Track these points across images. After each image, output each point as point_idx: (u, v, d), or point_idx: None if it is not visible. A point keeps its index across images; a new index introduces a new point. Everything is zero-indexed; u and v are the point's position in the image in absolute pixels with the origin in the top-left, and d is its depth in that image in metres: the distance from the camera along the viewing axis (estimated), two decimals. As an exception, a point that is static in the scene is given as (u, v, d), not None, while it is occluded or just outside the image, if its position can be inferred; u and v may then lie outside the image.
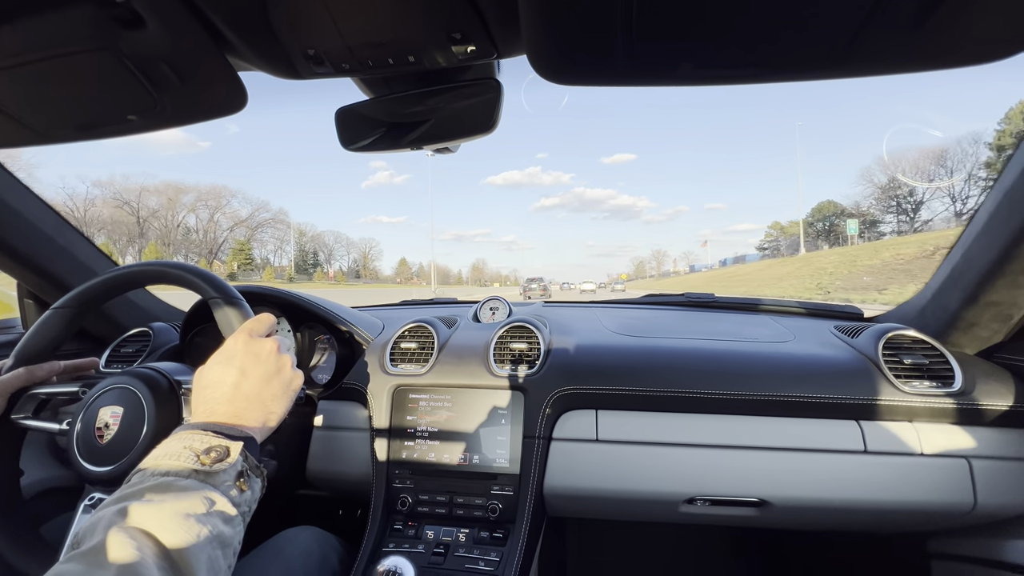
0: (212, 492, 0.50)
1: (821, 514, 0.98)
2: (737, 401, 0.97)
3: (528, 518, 0.97)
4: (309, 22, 0.65)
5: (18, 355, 0.79)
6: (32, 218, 1.08)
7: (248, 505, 0.55)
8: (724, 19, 0.50)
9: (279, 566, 0.80)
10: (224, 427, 0.57)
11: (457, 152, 0.98)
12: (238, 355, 0.63)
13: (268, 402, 0.62)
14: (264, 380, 0.63)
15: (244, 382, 0.61)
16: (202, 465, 0.51)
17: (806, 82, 0.57)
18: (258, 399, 0.61)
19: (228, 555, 0.50)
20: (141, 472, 0.51)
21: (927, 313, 1.05)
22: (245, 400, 0.61)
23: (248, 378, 0.62)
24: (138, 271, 0.81)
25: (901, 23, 0.49)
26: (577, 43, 0.56)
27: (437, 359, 1.10)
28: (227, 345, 0.65)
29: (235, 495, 0.53)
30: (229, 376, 0.61)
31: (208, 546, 0.47)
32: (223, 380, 0.61)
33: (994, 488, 0.90)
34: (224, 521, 0.50)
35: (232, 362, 0.62)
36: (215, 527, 0.48)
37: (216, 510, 0.50)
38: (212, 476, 0.52)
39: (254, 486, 0.56)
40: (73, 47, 0.64)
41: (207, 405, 0.60)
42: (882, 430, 0.94)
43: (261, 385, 0.62)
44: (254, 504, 0.56)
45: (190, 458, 0.52)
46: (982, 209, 0.90)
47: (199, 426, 0.56)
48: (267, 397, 0.62)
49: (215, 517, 0.49)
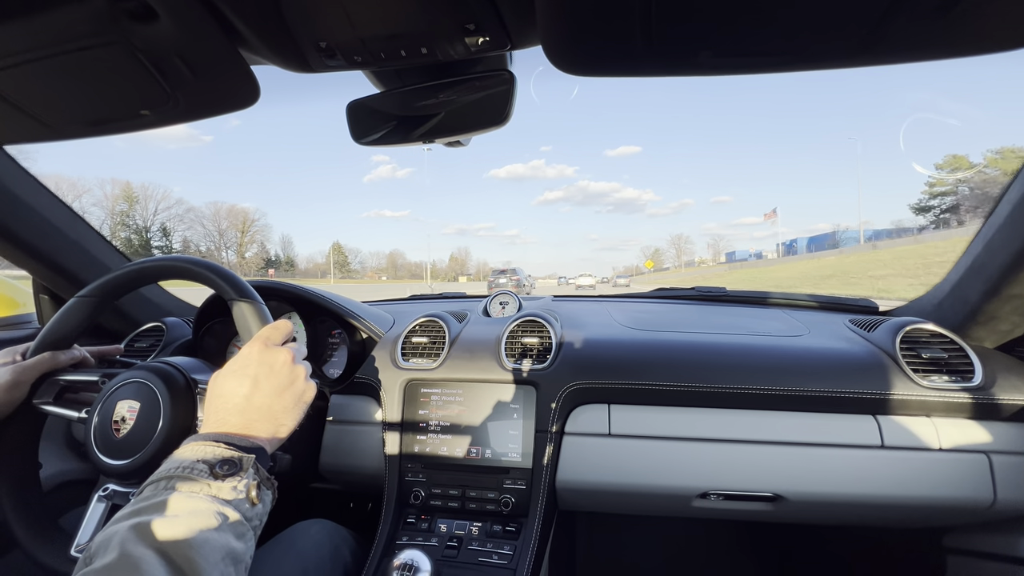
0: (224, 507, 0.50)
1: (836, 509, 0.97)
2: (751, 395, 0.96)
3: (541, 512, 0.97)
4: (322, 14, 0.64)
5: (42, 341, 0.79)
6: (44, 212, 1.08)
7: (259, 519, 0.55)
8: (746, 5, 0.49)
9: (292, 559, 0.80)
10: (235, 438, 0.57)
11: (460, 145, 0.97)
12: (252, 365, 0.63)
13: (279, 414, 0.62)
14: (276, 392, 0.63)
15: (256, 394, 0.61)
16: (214, 479, 0.51)
17: (829, 71, 0.56)
18: (269, 411, 0.61)
19: (240, 571, 0.49)
20: (154, 484, 0.51)
21: (945, 306, 1.04)
22: (256, 412, 0.61)
23: (260, 390, 0.62)
24: (160, 265, 0.81)
25: (927, 9, 0.48)
26: (593, 32, 0.55)
27: (448, 353, 1.09)
28: (243, 354, 0.65)
29: (247, 509, 0.53)
30: (242, 387, 0.61)
31: (221, 563, 0.47)
32: (236, 391, 0.61)
33: (1014, 484, 0.89)
34: (236, 536, 0.50)
35: (246, 372, 0.63)
36: (227, 543, 0.48)
37: (229, 524, 0.50)
38: (224, 490, 0.52)
39: (265, 499, 0.56)
40: (85, 42, 0.64)
41: (219, 415, 0.60)
42: (899, 425, 0.93)
43: (273, 397, 0.62)
44: (264, 517, 0.56)
45: (203, 471, 0.52)
46: (1004, 200, 0.88)
47: (210, 437, 0.56)
48: (278, 410, 0.62)
49: (227, 533, 0.49)
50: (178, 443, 0.65)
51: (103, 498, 0.75)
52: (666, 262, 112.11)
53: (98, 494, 0.75)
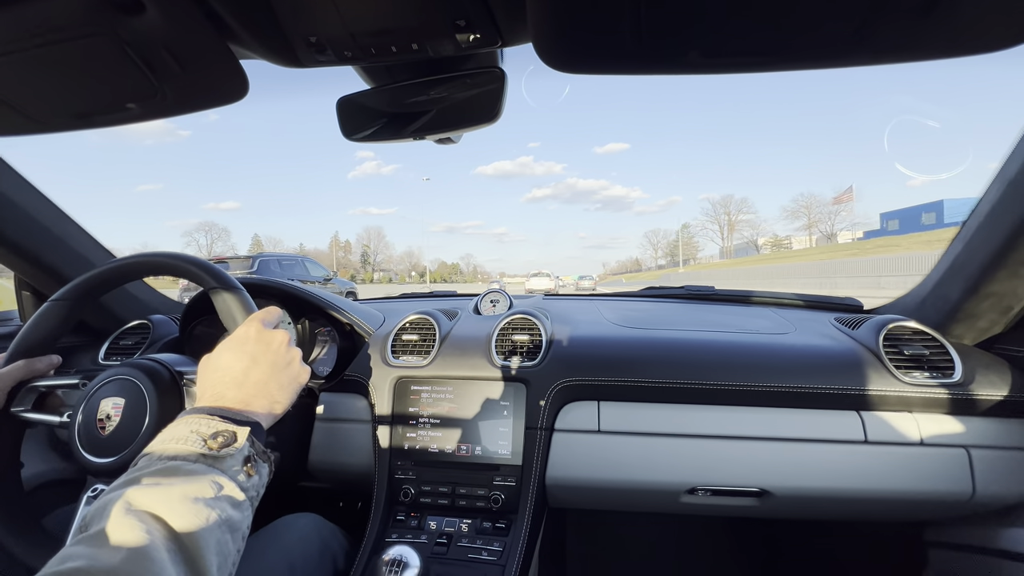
0: (220, 476, 0.50)
1: (821, 503, 0.99)
2: (739, 392, 0.97)
3: (530, 509, 0.97)
4: (312, 8, 0.64)
5: (16, 348, 0.78)
6: (28, 208, 1.06)
7: (256, 490, 0.55)
8: (734, 4, 0.50)
9: (277, 552, 0.79)
10: (231, 412, 0.57)
11: (450, 142, 0.98)
12: (250, 342, 0.64)
13: (275, 391, 0.63)
14: (274, 369, 0.63)
15: (254, 369, 0.62)
16: (209, 449, 0.51)
17: (819, 70, 0.57)
18: (266, 387, 0.62)
19: (237, 539, 0.50)
20: (148, 456, 0.51)
21: (927, 304, 1.06)
22: (254, 387, 0.61)
23: (259, 366, 0.62)
24: (137, 262, 0.80)
25: (910, 9, 0.49)
26: (583, 29, 0.56)
27: (439, 351, 1.09)
28: (239, 332, 0.65)
29: (243, 480, 0.53)
30: (240, 362, 0.61)
31: (217, 529, 0.47)
32: (233, 366, 0.61)
33: (992, 477, 0.91)
34: (232, 505, 0.50)
35: (244, 348, 0.63)
36: (223, 511, 0.48)
37: (224, 494, 0.49)
38: (220, 460, 0.51)
39: (261, 471, 0.56)
40: (70, 32, 0.63)
41: (215, 389, 0.60)
42: (882, 420, 0.95)
43: (270, 374, 0.62)
44: (262, 489, 0.56)
45: (197, 442, 0.51)
46: (984, 200, 0.90)
47: (205, 410, 0.56)
48: (274, 387, 0.63)
49: (223, 501, 0.49)
50: None
51: (92, 499, 0.74)
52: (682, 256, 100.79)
53: (87, 495, 0.74)
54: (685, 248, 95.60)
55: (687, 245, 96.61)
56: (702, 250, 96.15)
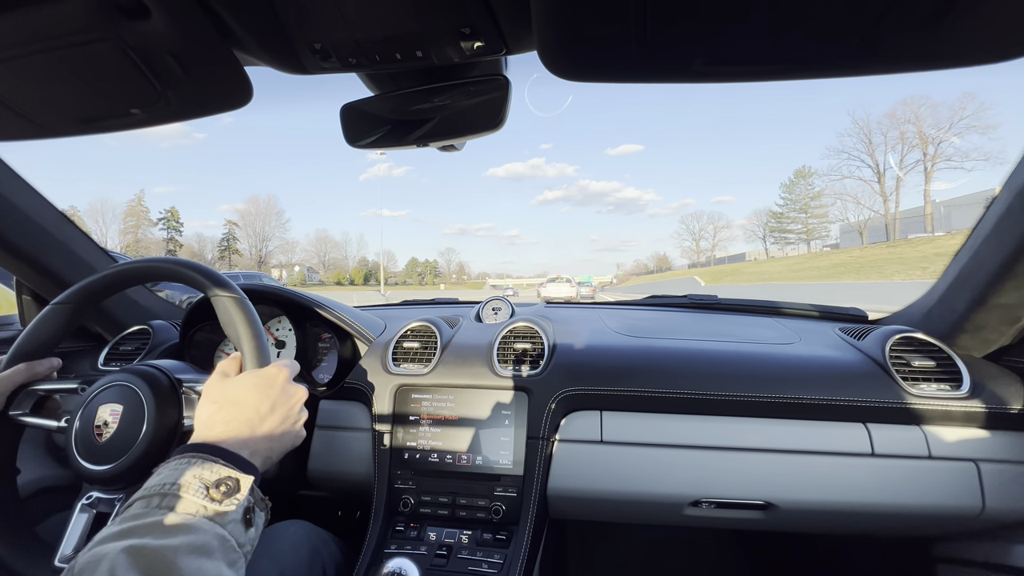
0: (220, 531, 0.49)
1: (827, 517, 0.97)
2: (743, 403, 0.96)
3: (532, 520, 0.96)
4: (317, 15, 0.64)
5: (16, 351, 0.77)
6: (30, 212, 1.06)
7: (251, 544, 0.53)
8: (740, 13, 0.49)
9: (267, 560, 0.78)
10: (235, 457, 0.56)
11: (454, 149, 0.97)
12: (275, 389, 0.64)
13: (276, 445, 0.63)
14: (284, 424, 0.63)
15: (271, 417, 0.62)
16: (212, 500, 0.50)
17: (826, 79, 0.56)
18: (271, 439, 0.62)
19: None
20: (145, 500, 0.49)
21: (934, 315, 1.05)
22: (264, 435, 0.61)
23: (275, 415, 0.62)
24: (139, 267, 0.80)
25: (919, 19, 0.48)
26: (589, 37, 0.55)
27: (440, 359, 1.08)
28: (269, 372, 0.65)
29: (240, 533, 0.51)
30: (262, 405, 0.61)
31: None
32: (255, 406, 0.61)
33: (1003, 492, 0.89)
34: (228, 564, 0.48)
35: (268, 392, 0.63)
36: (220, 573, 0.46)
37: (223, 551, 0.48)
38: (222, 515, 0.50)
39: (258, 522, 0.55)
40: (75, 38, 0.63)
41: (228, 424, 0.59)
42: (889, 433, 0.93)
43: (280, 428, 0.63)
44: (255, 543, 0.54)
45: (200, 491, 0.50)
46: (991, 210, 0.89)
47: (208, 449, 0.55)
48: (277, 441, 0.63)
49: (220, 561, 0.47)
50: (163, 445, 0.63)
51: (87, 507, 0.72)
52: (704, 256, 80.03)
53: (81, 503, 0.73)
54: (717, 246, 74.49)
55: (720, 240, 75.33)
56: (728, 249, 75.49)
